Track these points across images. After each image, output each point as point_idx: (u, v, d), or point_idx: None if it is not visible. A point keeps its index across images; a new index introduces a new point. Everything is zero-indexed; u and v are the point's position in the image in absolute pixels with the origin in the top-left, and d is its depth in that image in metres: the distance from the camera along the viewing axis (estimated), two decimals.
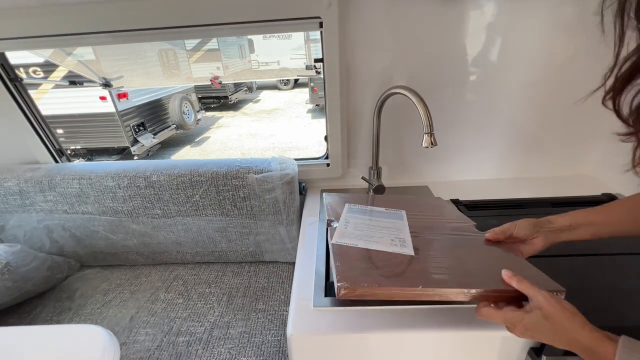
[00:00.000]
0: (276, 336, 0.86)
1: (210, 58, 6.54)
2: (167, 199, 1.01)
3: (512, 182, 1.13)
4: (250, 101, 8.26)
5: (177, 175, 0.98)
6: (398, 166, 1.15)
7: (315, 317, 0.63)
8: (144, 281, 1.08)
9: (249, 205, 1.02)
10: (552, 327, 0.43)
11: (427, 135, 0.76)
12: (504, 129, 1.07)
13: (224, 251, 1.11)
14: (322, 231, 0.91)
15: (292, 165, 1.00)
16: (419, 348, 0.62)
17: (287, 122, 6.19)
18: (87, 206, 1.03)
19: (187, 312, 0.94)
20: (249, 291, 1.01)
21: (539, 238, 0.59)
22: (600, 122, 1.05)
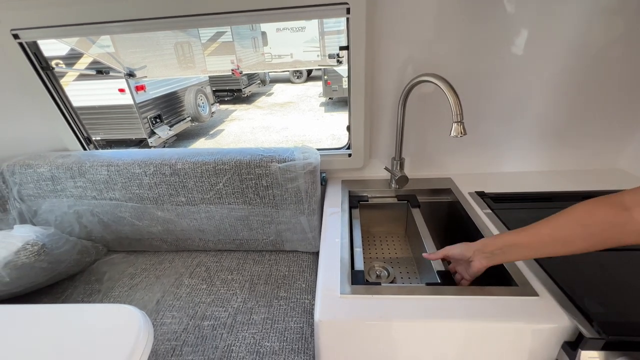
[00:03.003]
0: (298, 323, 0.87)
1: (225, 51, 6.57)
2: (192, 187, 1.02)
3: (541, 175, 1.09)
4: (263, 94, 8.28)
5: (201, 163, 1.00)
6: (421, 158, 1.13)
7: (341, 304, 0.64)
8: (168, 267, 1.10)
9: (271, 194, 1.02)
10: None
11: (456, 124, 0.74)
12: (533, 121, 1.04)
13: (245, 239, 1.12)
14: (345, 221, 0.91)
15: (315, 154, 1.00)
16: (448, 338, 0.61)
17: (300, 116, 6.18)
18: (115, 192, 1.06)
19: (211, 297, 0.96)
20: (270, 279, 1.03)
21: (474, 262, 0.61)
22: (638, 115, 1.00)
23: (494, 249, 0.59)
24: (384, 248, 1.09)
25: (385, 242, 1.11)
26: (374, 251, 1.07)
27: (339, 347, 0.65)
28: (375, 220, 1.11)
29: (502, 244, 0.58)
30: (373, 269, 0.99)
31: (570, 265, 0.69)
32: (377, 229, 1.13)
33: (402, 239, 1.12)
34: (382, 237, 1.13)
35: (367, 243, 1.10)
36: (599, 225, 0.48)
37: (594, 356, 0.55)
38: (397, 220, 1.10)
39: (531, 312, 0.59)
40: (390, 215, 1.09)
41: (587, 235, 0.49)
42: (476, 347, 0.62)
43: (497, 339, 0.61)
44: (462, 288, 0.65)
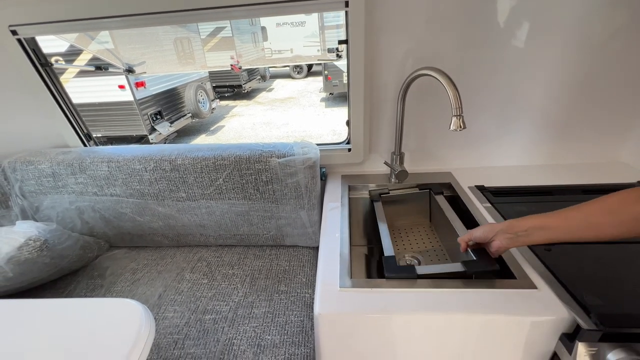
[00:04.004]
0: (299, 317, 0.88)
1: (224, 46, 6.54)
2: (192, 182, 1.03)
3: (541, 169, 1.09)
4: (263, 90, 8.25)
5: (201, 158, 1.00)
6: (421, 152, 1.13)
7: (341, 297, 0.64)
8: (170, 262, 1.11)
9: (271, 189, 1.02)
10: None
11: (455, 118, 0.74)
12: (533, 114, 1.03)
13: (246, 234, 1.13)
14: (345, 215, 0.91)
15: (314, 149, 1.00)
16: (447, 330, 0.62)
17: (300, 111, 6.16)
18: (116, 188, 1.06)
19: (212, 291, 0.97)
20: (270, 273, 1.03)
21: (495, 242, 0.62)
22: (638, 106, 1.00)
23: (520, 230, 0.59)
24: (410, 240, 1.04)
25: (412, 234, 1.07)
26: (400, 244, 1.03)
27: (339, 339, 0.65)
28: (398, 213, 1.08)
29: (529, 225, 0.58)
30: (403, 259, 0.97)
31: (569, 258, 0.69)
32: (401, 221, 1.10)
33: (427, 229, 1.08)
34: (407, 229, 1.09)
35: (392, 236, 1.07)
36: (630, 214, 0.49)
37: (591, 347, 0.55)
38: (420, 211, 1.08)
39: (530, 305, 0.59)
40: (413, 206, 1.07)
41: (617, 222, 0.51)
42: (475, 339, 0.62)
43: (496, 331, 0.61)
44: (461, 281, 0.65)
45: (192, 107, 5.07)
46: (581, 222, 0.54)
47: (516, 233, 0.60)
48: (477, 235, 0.66)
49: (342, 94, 6.71)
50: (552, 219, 0.56)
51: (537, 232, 0.57)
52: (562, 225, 0.55)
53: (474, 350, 0.64)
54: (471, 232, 0.68)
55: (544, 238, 0.57)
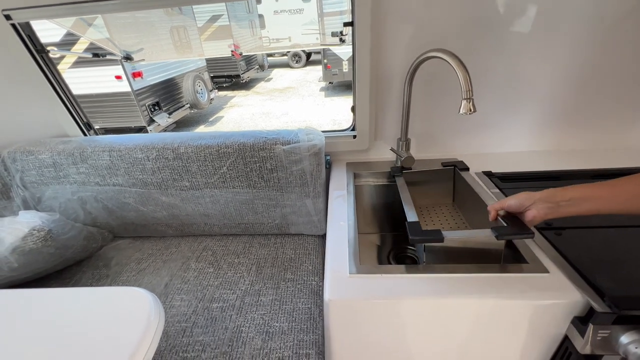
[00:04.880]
0: (306, 304, 0.88)
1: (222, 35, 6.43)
2: (195, 171, 1.01)
3: (548, 155, 1.08)
4: (262, 80, 8.15)
5: (204, 147, 0.98)
6: (427, 138, 1.11)
7: (351, 283, 0.64)
8: (174, 251, 1.11)
9: (276, 177, 1.01)
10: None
11: (465, 101, 0.72)
12: (542, 98, 1.02)
13: (251, 223, 1.12)
14: (351, 203, 0.90)
15: (320, 136, 0.98)
16: (457, 315, 0.62)
17: (300, 101, 6.10)
18: (118, 178, 1.05)
19: (219, 280, 0.97)
20: (276, 262, 1.03)
21: (531, 211, 0.58)
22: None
23: (562, 199, 0.56)
24: (433, 219, 1.01)
25: (434, 213, 1.03)
26: (422, 222, 0.99)
27: (349, 325, 0.65)
28: (419, 191, 1.04)
29: (574, 195, 0.55)
30: None
31: (580, 242, 0.68)
32: (422, 201, 1.06)
33: (450, 208, 1.05)
34: (430, 208, 1.06)
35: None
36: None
37: (604, 330, 0.55)
38: (443, 189, 1.05)
39: (542, 288, 0.59)
40: (436, 185, 1.04)
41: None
42: (486, 324, 0.62)
43: (507, 316, 0.61)
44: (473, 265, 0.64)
45: (190, 97, 5.01)
46: (631, 193, 0.51)
47: (558, 202, 0.56)
48: (511, 204, 0.62)
49: (341, 83, 6.63)
50: (598, 189, 0.54)
51: (582, 203, 0.54)
52: (609, 195, 0.53)
53: (485, 334, 0.64)
54: (504, 200, 0.64)
55: (588, 209, 0.54)
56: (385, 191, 1.06)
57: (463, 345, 0.67)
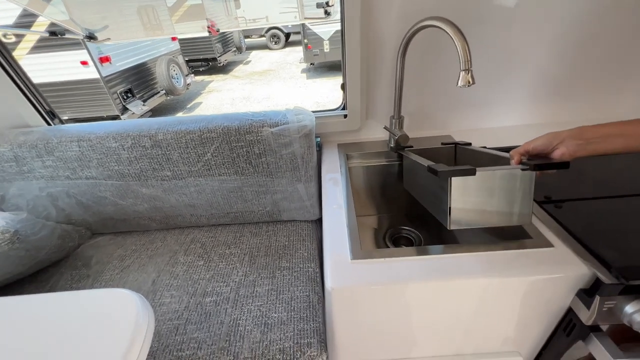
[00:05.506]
0: (304, 292, 0.85)
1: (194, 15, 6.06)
2: (177, 159, 0.94)
3: (541, 128, 1.05)
4: (240, 63, 7.83)
5: (185, 132, 0.90)
6: (419, 116, 1.07)
7: (354, 269, 0.60)
8: (160, 245, 1.04)
9: (265, 162, 0.95)
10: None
11: (464, 73, 0.68)
12: (534, 74, 0.99)
13: (240, 212, 1.07)
14: (346, 185, 0.86)
15: (310, 116, 0.92)
16: (464, 294, 0.60)
17: (281, 84, 5.92)
18: (91, 170, 0.96)
19: (210, 273, 0.92)
20: (270, 250, 0.99)
21: (559, 150, 0.56)
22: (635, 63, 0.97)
23: (594, 137, 0.54)
24: None
25: None
26: None
27: (352, 312, 0.63)
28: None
29: (605, 132, 0.53)
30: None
31: (580, 214, 0.68)
32: None
33: None
34: None
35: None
36: None
37: (610, 301, 0.55)
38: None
39: (548, 263, 0.58)
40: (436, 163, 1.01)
41: None
42: (492, 302, 0.61)
43: (514, 293, 0.60)
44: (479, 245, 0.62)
45: (165, 83, 4.75)
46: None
47: (588, 140, 0.54)
48: (538, 144, 0.58)
49: (323, 64, 6.47)
50: (630, 126, 0.52)
51: (612, 140, 0.52)
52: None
53: (490, 311, 0.63)
54: (528, 143, 0.60)
55: (620, 146, 0.52)
56: (379, 172, 1.03)
57: (467, 323, 0.66)
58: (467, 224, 0.62)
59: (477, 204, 0.61)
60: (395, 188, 1.06)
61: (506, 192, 0.60)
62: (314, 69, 6.52)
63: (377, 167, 1.02)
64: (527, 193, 0.60)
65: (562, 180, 0.77)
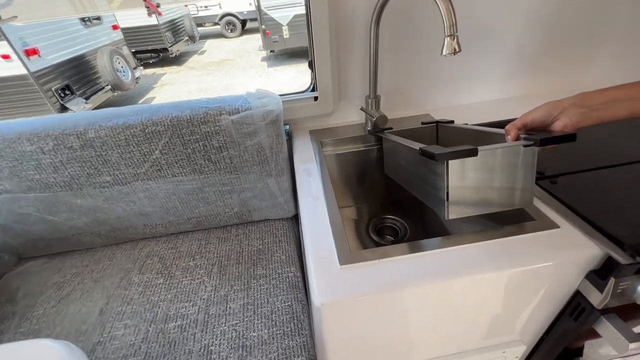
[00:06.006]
0: (286, 302, 0.74)
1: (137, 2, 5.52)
2: (117, 161, 0.77)
3: (516, 101, 1.04)
4: (194, 53, 7.32)
5: (123, 127, 0.74)
6: (395, 95, 0.99)
7: (344, 277, 0.50)
8: (108, 265, 0.88)
9: (227, 156, 0.82)
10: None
11: (449, 39, 0.59)
12: (505, 47, 0.96)
13: (203, 216, 0.93)
14: (324, 176, 0.75)
15: (275, 100, 0.80)
16: (469, 292, 0.53)
17: (241, 74, 5.61)
18: (3, 183, 0.76)
19: (172, 292, 0.78)
20: (242, 257, 0.86)
21: (560, 120, 0.50)
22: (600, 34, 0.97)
23: (597, 103, 0.48)
24: None
25: None
26: None
27: (346, 327, 0.53)
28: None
29: (609, 97, 0.47)
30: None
31: (578, 188, 0.63)
32: None
33: None
34: None
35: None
36: None
37: (624, 282, 0.50)
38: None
39: (557, 246, 0.52)
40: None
41: None
42: (499, 294, 0.55)
43: (524, 282, 0.54)
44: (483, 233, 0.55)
45: (109, 77, 4.27)
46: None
47: (591, 107, 0.48)
48: (536, 116, 0.52)
49: (284, 51, 6.23)
50: (636, 88, 0.46)
51: (619, 105, 0.47)
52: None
53: (495, 303, 0.57)
54: (526, 115, 0.54)
55: (626, 112, 0.47)
56: (357, 158, 0.94)
57: (471, 320, 0.60)
58: (466, 212, 0.54)
59: (476, 189, 0.53)
60: (375, 174, 0.98)
61: (508, 173, 0.53)
62: (275, 57, 6.26)
63: (355, 153, 0.92)
64: (530, 172, 0.53)
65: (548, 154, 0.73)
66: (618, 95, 0.47)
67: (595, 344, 0.68)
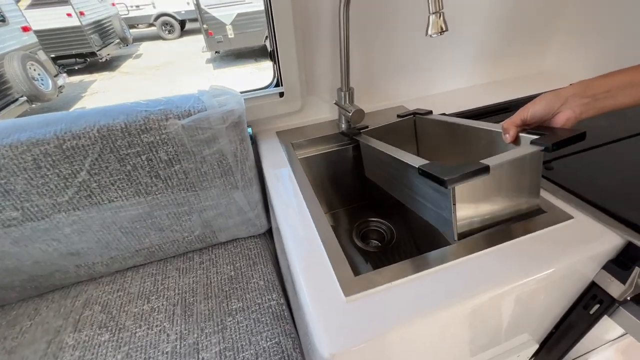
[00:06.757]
0: (272, 338, 0.62)
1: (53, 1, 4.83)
2: (24, 190, 0.58)
3: (484, 88, 1.04)
4: (128, 57, 6.66)
5: (29, 144, 0.55)
6: (367, 87, 0.91)
7: (355, 312, 0.40)
8: (30, 325, 0.67)
9: (180, 170, 0.66)
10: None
11: (434, 17, 0.52)
12: (473, 38, 0.95)
13: (156, 245, 0.75)
14: (303, 181, 0.64)
15: (236, 97, 0.66)
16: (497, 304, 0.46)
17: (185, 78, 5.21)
18: None
19: (124, 350, 0.61)
20: (211, 290, 0.72)
21: (562, 113, 0.46)
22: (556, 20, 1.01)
23: (600, 91, 0.43)
24: None
25: None
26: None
27: None
28: None
29: (614, 84, 0.42)
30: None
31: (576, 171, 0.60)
32: None
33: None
34: None
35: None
36: None
37: None
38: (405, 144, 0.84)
39: (578, 240, 0.47)
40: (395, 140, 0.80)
41: None
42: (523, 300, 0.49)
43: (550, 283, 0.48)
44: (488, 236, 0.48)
45: (23, 87, 3.66)
46: None
47: (594, 96, 0.44)
48: (537, 110, 0.47)
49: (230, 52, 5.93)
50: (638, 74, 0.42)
51: (625, 92, 0.42)
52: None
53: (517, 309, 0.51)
54: (524, 110, 0.49)
55: (632, 99, 0.43)
56: (335, 158, 0.84)
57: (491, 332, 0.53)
58: (474, 229, 0.47)
59: (482, 203, 0.47)
60: (354, 175, 0.89)
61: (514, 181, 0.48)
62: (221, 58, 5.94)
63: (332, 153, 0.82)
64: (536, 175, 0.49)
65: None
66: (623, 81, 0.43)
67: None
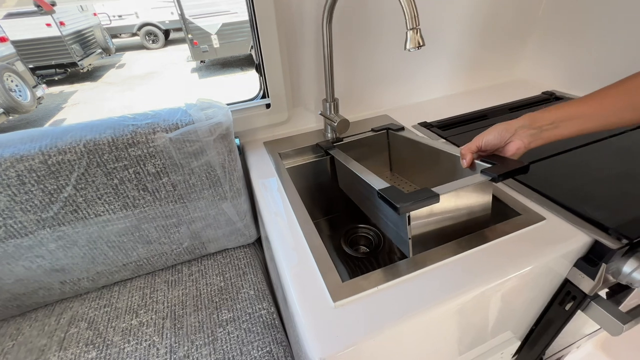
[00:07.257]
0: (263, 347, 0.62)
1: None
2: (7, 206, 0.57)
3: (463, 96, 1.08)
4: (111, 67, 6.56)
5: (12, 160, 0.54)
6: (352, 97, 0.94)
7: (342, 317, 0.42)
8: (11, 347, 0.65)
9: (168, 182, 0.67)
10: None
11: (412, 33, 0.55)
12: (448, 49, 1.00)
13: (144, 259, 0.75)
14: (291, 191, 0.65)
15: (223, 110, 0.67)
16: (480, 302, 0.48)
17: (169, 87, 5.17)
18: None
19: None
20: (200, 301, 0.72)
21: (513, 143, 0.50)
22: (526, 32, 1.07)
23: (545, 123, 0.47)
24: None
25: None
26: None
27: None
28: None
29: (557, 117, 0.47)
30: None
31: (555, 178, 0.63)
32: None
33: (389, 178, 0.89)
34: None
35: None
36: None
37: (612, 266, 0.50)
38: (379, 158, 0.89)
39: (551, 241, 0.50)
40: (369, 154, 0.87)
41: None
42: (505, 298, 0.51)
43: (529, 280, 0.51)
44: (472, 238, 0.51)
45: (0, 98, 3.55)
46: (617, 106, 0.44)
47: (540, 127, 0.48)
48: (490, 139, 0.51)
49: (215, 61, 5.94)
50: (584, 106, 0.46)
51: (567, 123, 0.46)
52: (594, 112, 0.45)
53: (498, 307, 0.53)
54: (478, 138, 0.53)
55: (575, 130, 0.47)
56: (321, 167, 0.86)
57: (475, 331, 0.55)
58: (428, 246, 0.51)
59: (437, 223, 0.53)
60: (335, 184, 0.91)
61: (467, 203, 0.54)
62: (206, 68, 5.93)
63: (319, 162, 0.84)
64: (485, 198, 0.55)
65: None
66: (563, 114, 0.47)
67: None
